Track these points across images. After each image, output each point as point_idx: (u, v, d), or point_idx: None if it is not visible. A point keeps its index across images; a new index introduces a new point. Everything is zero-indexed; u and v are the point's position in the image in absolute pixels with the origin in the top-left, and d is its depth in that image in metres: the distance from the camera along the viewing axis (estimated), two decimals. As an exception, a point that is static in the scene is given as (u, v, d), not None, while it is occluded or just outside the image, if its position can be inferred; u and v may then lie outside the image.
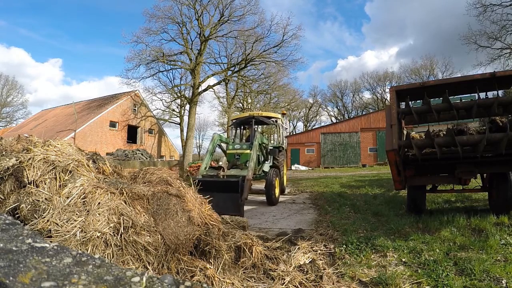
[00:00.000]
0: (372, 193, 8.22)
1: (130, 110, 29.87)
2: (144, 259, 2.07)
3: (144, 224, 2.17)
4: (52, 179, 2.22)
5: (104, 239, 1.97)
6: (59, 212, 1.99)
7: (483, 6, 22.00)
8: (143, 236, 2.12)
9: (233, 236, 2.88)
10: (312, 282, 2.53)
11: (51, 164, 2.29)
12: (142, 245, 2.08)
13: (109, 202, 2.16)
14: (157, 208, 2.35)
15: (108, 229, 2.01)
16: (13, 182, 2.23)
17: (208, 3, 25.86)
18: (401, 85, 5.13)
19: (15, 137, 2.83)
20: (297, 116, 55.34)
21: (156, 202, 2.37)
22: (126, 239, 2.04)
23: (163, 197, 2.43)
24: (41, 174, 2.22)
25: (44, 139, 2.70)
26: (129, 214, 2.15)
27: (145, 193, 2.36)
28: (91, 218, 2.01)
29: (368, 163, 31.30)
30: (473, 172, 4.29)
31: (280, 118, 9.81)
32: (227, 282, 2.33)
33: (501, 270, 2.66)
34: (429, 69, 46.90)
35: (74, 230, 1.92)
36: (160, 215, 2.33)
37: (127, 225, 2.09)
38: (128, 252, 2.02)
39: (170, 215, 2.38)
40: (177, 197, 2.51)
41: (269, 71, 28.78)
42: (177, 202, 2.48)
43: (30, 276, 0.66)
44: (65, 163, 2.32)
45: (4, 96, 44.35)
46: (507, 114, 4.58)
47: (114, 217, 2.08)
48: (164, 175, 2.78)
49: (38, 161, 2.28)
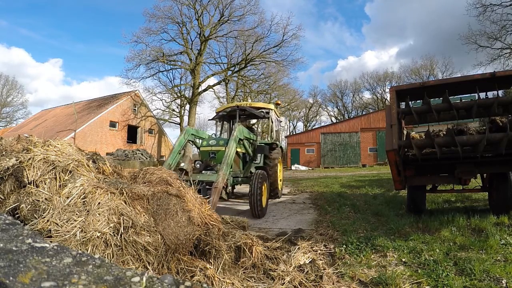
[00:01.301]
0: (372, 193, 8.22)
1: (130, 110, 29.88)
2: (144, 259, 2.06)
3: (144, 224, 2.17)
4: (52, 179, 2.22)
5: (104, 239, 1.97)
6: (59, 212, 1.99)
7: (483, 6, 22.04)
8: (143, 236, 2.12)
9: (233, 236, 2.88)
10: (312, 282, 2.53)
11: (51, 164, 2.29)
12: (142, 245, 2.08)
13: (109, 202, 2.16)
14: (157, 208, 2.35)
15: (108, 229, 2.01)
16: (13, 182, 2.23)
17: (208, 3, 25.91)
18: (401, 85, 5.11)
19: (15, 137, 2.83)
20: (297, 116, 55.44)
21: (156, 202, 2.37)
22: (126, 239, 2.04)
23: (163, 197, 2.43)
24: (41, 174, 2.22)
25: (44, 139, 2.70)
26: (129, 214, 2.15)
27: (145, 193, 2.36)
28: (91, 218, 2.01)
29: (368, 163, 31.31)
30: (473, 172, 4.29)
31: (273, 109, 8.25)
32: (227, 282, 2.33)
33: (501, 270, 2.66)
34: (429, 69, 46.97)
35: (74, 230, 1.92)
36: (160, 215, 2.32)
37: (127, 225, 2.09)
38: (128, 252, 2.02)
39: (170, 215, 2.38)
40: (177, 197, 2.51)
41: (269, 71, 28.86)
42: (177, 202, 2.48)
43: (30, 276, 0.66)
44: (65, 163, 2.32)
45: (4, 96, 44.39)
46: (507, 114, 4.58)
47: (114, 217, 2.08)
48: (164, 175, 2.77)
49: (38, 161, 2.28)
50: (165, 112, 31.29)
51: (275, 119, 8.51)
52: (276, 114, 8.72)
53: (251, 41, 26.33)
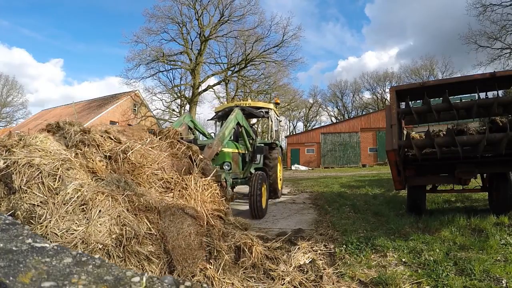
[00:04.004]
0: (372, 193, 8.22)
1: (130, 110, 29.89)
2: (147, 269, 2.02)
3: (147, 233, 2.11)
4: (40, 184, 2.08)
5: (107, 250, 1.93)
6: (57, 220, 1.92)
7: (483, 6, 22.05)
8: (146, 246, 2.06)
9: (232, 236, 2.87)
10: (312, 282, 2.53)
11: (36, 169, 2.12)
12: (144, 255, 2.03)
13: (110, 210, 2.07)
14: (169, 224, 2.22)
15: (111, 241, 1.95)
16: (3, 188, 2.11)
17: (208, 3, 25.91)
18: (401, 85, 5.13)
19: (7, 133, 2.62)
20: (297, 116, 55.37)
21: (168, 218, 2.24)
22: (128, 250, 1.99)
23: (177, 214, 2.29)
24: (27, 180, 2.08)
25: (20, 137, 2.44)
26: (132, 224, 2.07)
27: (157, 205, 2.24)
28: (92, 229, 1.93)
29: (368, 163, 31.30)
30: (473, 172, 4.28)
31: (272, 109, 8.28)
32: (227, 282, 2.33)
33: (501, 270, 2.66)
34: (429, 69, 46.92)
35: (75, 241, 1.86)
36: (172, 233, 2.19)
37: (129, 236, 2.03)
38: (130, 263, 1.98)
39: (182, 236, 2.23)
40: (192, 218, 2.38)
41: (269, 71, 28.83)
42: (192, 223, 2.35)
43: (30, 276, 0.66)
44: (51, 166, 2.15)
45: (4, 96, 44.37)
46: (507, 114, 4.58)
47: (116, 227, 2.01)
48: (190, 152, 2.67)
49: (23, 165, 2.12)
50: (165, 112, 31.28)
51: (275, 119, 8.48)
52: (276, 114, 8.69)
53: (251, 41, 26.33)
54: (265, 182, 5.92)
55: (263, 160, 7.43)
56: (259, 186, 5.45)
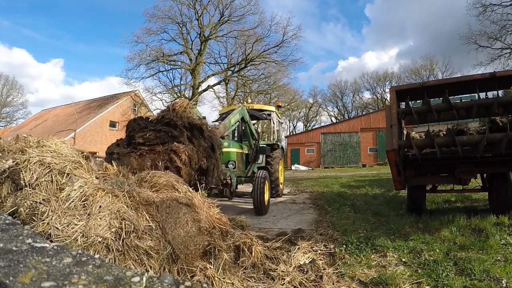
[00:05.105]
0: (372, 193, 8.22)
1: (130, 110, 29.82)
2: (146, 264, 2.04)
3: (146, 228, 2.14)
4: (49, 182, 2.17)
5: (106, 244, 1.95)
6: (59, 215, 1.96)
7: (483, 6, 22.02)
8: (145, 240, 2.09)
9: (232, 236, 2.87)
10: (312, 282, 2.53)
11: (47, 167, 2.24)
12: (144, 249, 2.05)
13: (110, 205, 2.12)
14: (166, 216, 2.31)
15: (110, 234, 1.98)
16: (10, 185, 2.19)
17: (208, 3, 25.88)
18: (401, 85, 5.14)
19: (14, 137, 2.77)
20: (297, 116, 55.34)
21: (165, 210, 2.33)
22: (128, 244, 2.02)
23: (173, 205, 2.38)
24: (37, 177, 2.18)
25: (38, 139, 2.63)
26: (131, 218, 2.12)
27: (154, 199, 2.32)
28: (92, 223, 1.98)
29: (368, 163, 31.29)
30: (473, 172, 4.29)
31: (274, 111, 8.56)
32: (227, 282, 2.33)
33: (501, 270, 2.66)
34: (429, 69, 46.90)
35: (75, 235, 1.89)
36: (170, 224, 2.28)
37: (129, 229, 2.06)
38: (130, 257, 1.99)
39: (180, 225, 2.33)
40: (187, 206, 2.47)
41: (269, 71, 28.74)
42: (187, 211, 2.44)
43: (30, 276, 0.66)
44: (61, 165, 2.28)
45: (4, 96, 44.37)
46: (507, 114, 4.58)
47: (116, 221, 2.05)
48: (171, 179, 2.74)
49: (34, 163, 2.23)
50: (165, 112, 31.21)
51: (277, 121, 8.68)
52: (277, 116, 8.89)
53: (251, 41, 26.28)
54: (267, 180, 6.22)
55: (265, 160, 7.67)
56: (262, 185, 5.77)
